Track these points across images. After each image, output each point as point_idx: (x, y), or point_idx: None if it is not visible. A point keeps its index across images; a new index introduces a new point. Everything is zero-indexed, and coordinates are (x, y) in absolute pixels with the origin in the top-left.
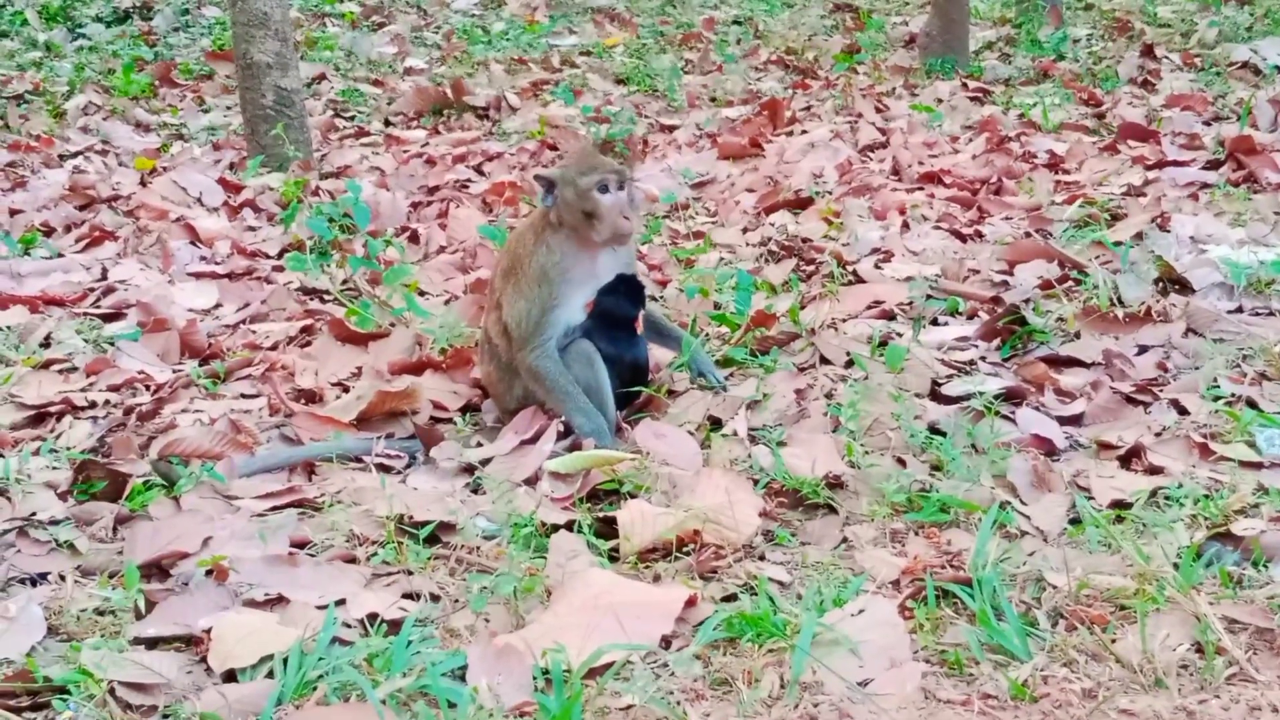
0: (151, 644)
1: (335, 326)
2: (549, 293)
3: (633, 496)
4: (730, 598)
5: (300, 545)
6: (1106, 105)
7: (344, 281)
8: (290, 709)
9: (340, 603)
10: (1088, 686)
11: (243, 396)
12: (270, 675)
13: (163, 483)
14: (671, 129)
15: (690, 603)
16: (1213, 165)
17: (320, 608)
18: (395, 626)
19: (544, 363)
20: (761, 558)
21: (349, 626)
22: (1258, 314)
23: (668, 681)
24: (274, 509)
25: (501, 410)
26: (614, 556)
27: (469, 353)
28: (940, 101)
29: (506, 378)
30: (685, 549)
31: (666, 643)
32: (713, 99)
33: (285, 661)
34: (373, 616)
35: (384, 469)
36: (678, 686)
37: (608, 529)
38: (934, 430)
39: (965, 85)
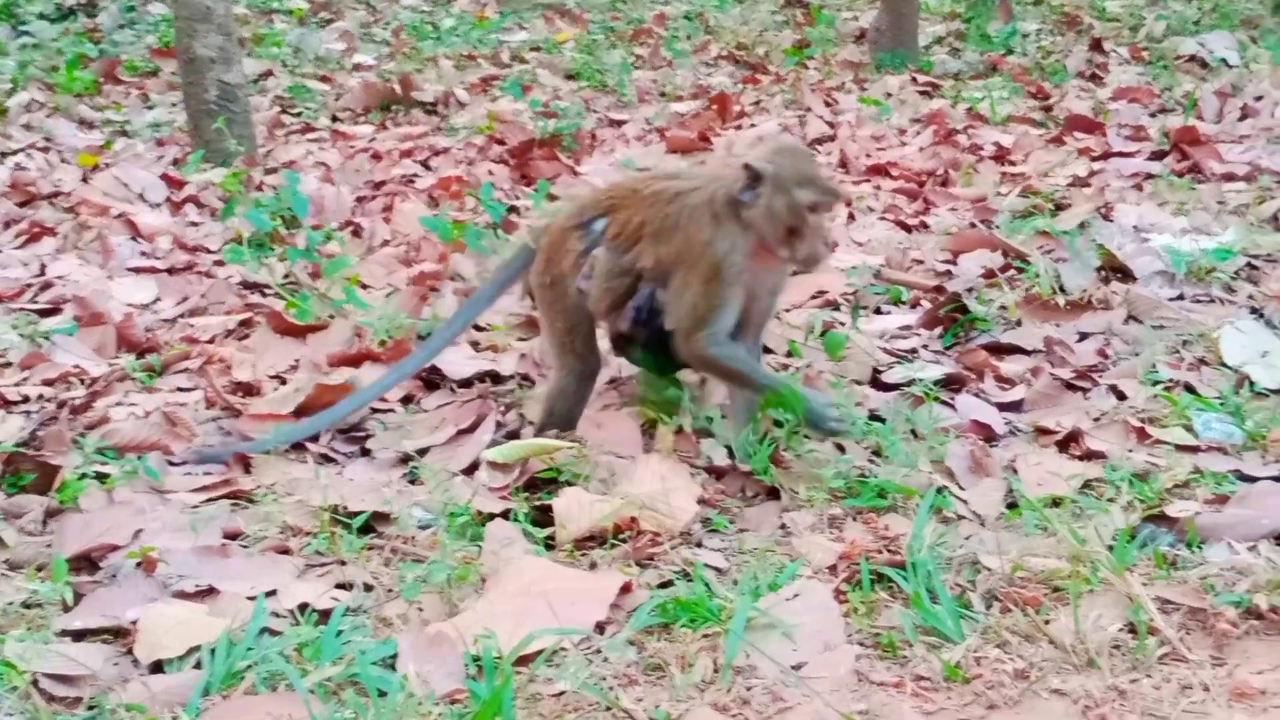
0: (78, 636)
1: (273, 319)
2: (720, 290)
3: (570, 485)
4: (666, 584)
5: (233, 537)
6: (1054, 98)
7: (285, 275)
8: (217, 699)
9: (271, 593)
10: (1020, 667)
11: (179, 390)
12: (198, 666)
13: (94, 475)
14: (620, 123)
15: (625, 589)
16: (1157, 156)
17: (251, 598)
18: (326, 616)
19: (717, 349)
20: (699, 544)
21: (280, 617)
22: (1199, 301)
23: (601, 667)
24: (207, 501)
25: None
26: (550, 544)
27: (408, 345)
28: (889, 95)
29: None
30: (622, 536)
31: (601, 629)
32: (663, 94)
33: (213, 652)
34: (304, 607)
35: (325, 459)
36: (611, 672)
37: (545, 517)
38: (874, 417)
39: (914, 80)
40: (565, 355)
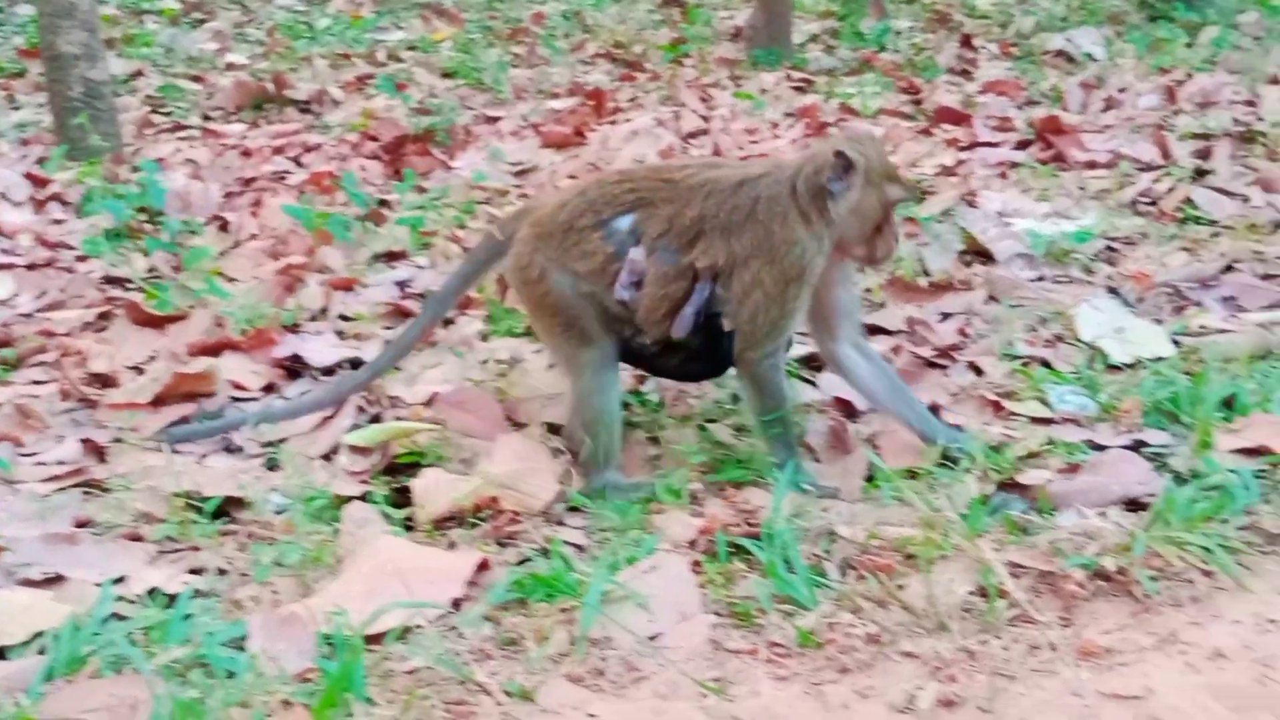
0: None
1: (132, 310)
2: (798, 294)
3: (431, 467)
4: (525, 561)
5: (84, 525)
6: (925, 93)
7: (149, 270)
8: (61, 684)
9: (121, 579)
10: (872, 631)
11: (34, 383)
12: (42, 652)
13: None
14: (496, 120)
15: (483, 567)
16: (1022, 145)
17: (99, 585)
18: (176, 600)
19: (776, 373)
20: (559, 523)
21: (130, 603)
22: (1059, 282)
23: (456, 643)
24: (59, 490)
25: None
26: (410, 525)
27: (270, 333)
28: (764, 91)
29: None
30: (482, 515)
31: (458, 606)
32: (540, 92)
33: (57, 637)
34: (153, 592)
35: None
36: (466, 648)
37: (405, 499)
38: (738, 396)
39: (789, 76)
40: (577, 350)
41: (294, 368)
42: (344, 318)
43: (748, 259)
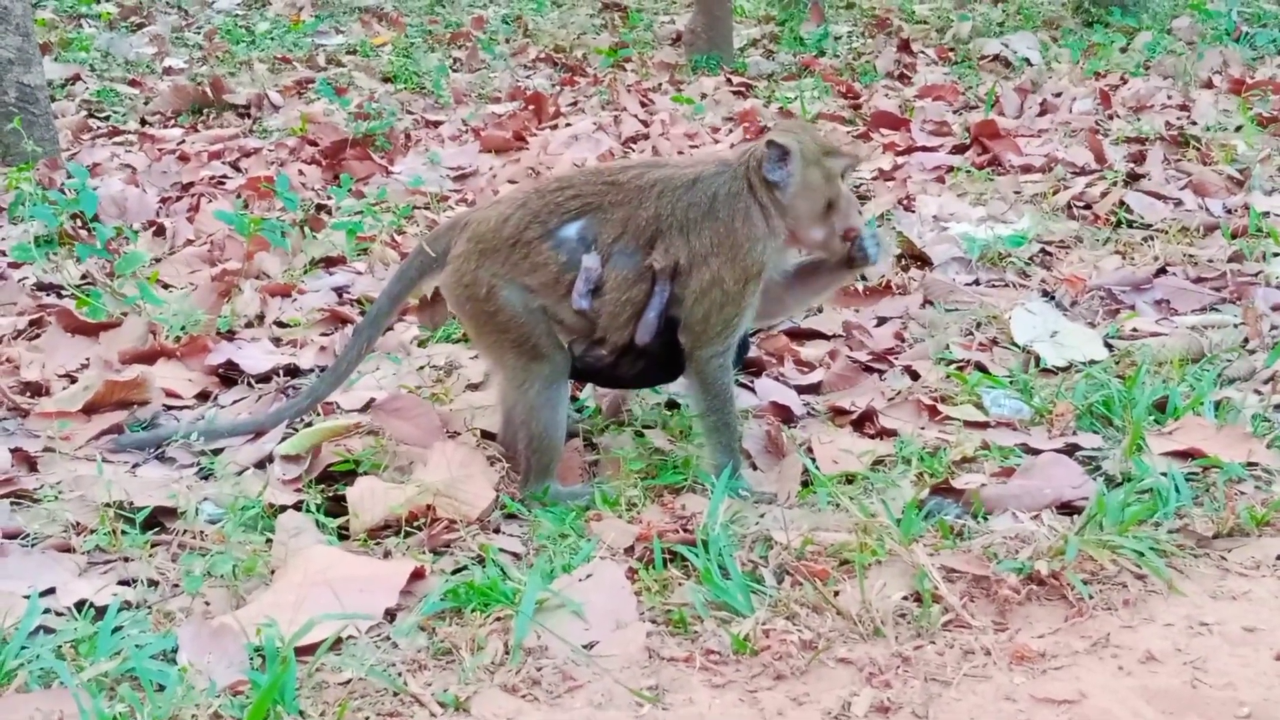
0: None
1: (64, 317)
2: (754, 290)
3: (366, 475)
4: (461, 570)
5: (13, 536)
6: (864, 97)
7: (83, 276)
8: None
9: (49, 591)
10: (808, 638)
11: None
12: None
13: None
14: (437, 124)
15: (418, 575)
16: (959, 150)
17: (28, 597)
18: (105, 613)
19: (727, 375)
20: (496, 530)
21: (59, 615)
22: (994, 285)
23: (390, 654)
24: None
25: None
26: (345, 534)
27: (204, 340)
28: (704, 96)
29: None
30: (418, 524)
31: (392, 616)
32: (480, 96)
33: None
34: (82, 604)
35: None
36: (400, 658)
37: (340, 508)
38: (672, 404)
39: (729, 80)
40: (527, 364)
41: (229, 375)
42: (280, 324)
43: (707, 256)
